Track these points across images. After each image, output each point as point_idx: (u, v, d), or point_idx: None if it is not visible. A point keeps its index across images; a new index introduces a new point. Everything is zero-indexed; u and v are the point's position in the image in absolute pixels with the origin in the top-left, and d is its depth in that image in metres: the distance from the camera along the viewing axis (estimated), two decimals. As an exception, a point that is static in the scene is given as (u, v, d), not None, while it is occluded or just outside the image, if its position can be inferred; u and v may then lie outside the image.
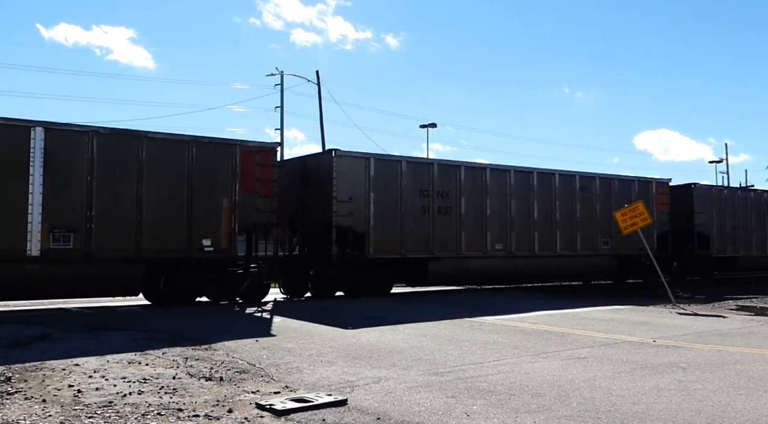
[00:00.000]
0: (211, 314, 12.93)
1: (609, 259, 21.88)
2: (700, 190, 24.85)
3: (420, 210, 17.69)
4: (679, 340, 9.98)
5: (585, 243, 21.21)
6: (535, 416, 5.53)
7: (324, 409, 5.69)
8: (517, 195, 19.73)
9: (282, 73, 41.27)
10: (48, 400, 5.92)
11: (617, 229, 19.36)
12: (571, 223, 20.91)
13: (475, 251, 18.72)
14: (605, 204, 21.54)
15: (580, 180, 21.37)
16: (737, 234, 25.54)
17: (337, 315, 12.65)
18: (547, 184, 20.50)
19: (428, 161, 18.84)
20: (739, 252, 25.49)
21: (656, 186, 23.09)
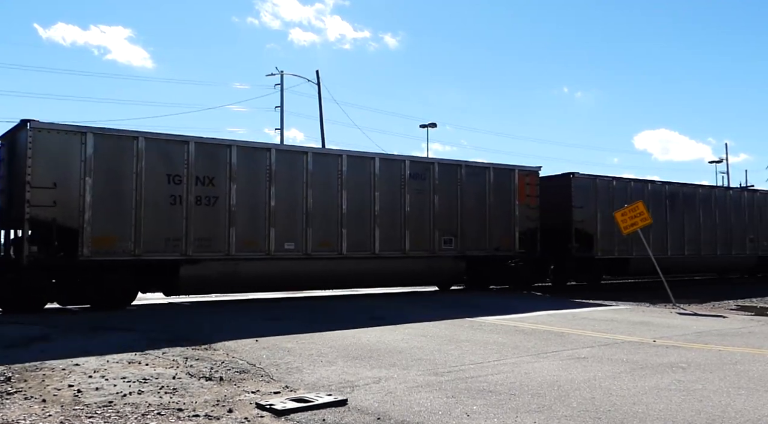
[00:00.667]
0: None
1: (453, 261, 18.53)
2: (581, 180, 21.72)
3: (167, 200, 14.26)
4: (679, 340, 9.98)
5: (417, 242, 17.75)
6: (535, 416, 5.53)
7: (324, 409, 5.68)
8: (318, 183, 16.18)
9: (282, 73, 41.30)
10: (48, 400, 5.92)
11: (471, 224, 18.51)
12: (398, 218, 17.44)
13: (253, 252, 15.27)
14: (449, 196, 18.37)
15: (412, 166, 17.81)
16: None
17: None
18: (362, 171, 16.96)
19: (180, 139, 14.63)
20: (632, 253, 22.07)
21: (520, 175, 19.94)
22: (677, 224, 24.05)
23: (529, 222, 20.01)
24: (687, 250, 24.29)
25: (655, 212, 22.12)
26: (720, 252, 25.45)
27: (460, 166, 18.83)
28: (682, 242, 24.20)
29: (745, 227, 26.47)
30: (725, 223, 25.70)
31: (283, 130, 42.01)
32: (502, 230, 19.39)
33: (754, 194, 27.65)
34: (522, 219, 19.82)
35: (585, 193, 21.61)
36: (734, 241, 25.76)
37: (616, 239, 21.45)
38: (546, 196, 20.77)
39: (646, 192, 23.09)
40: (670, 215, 23.85)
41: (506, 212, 19.57)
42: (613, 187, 22.41)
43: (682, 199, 24.45)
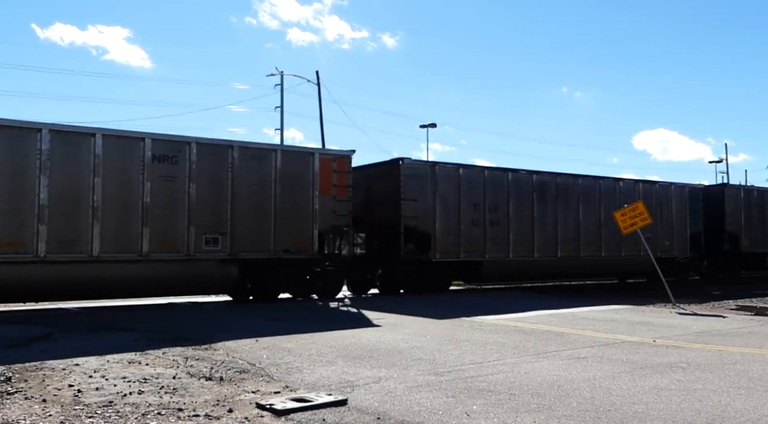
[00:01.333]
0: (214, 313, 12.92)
1: (219, 266, 14.63)
2: (413, 168, 18.06)
3: None
4: (679, 340, 9.98)
5: (164, 242, 14.07)
6: (535, 415, 5.53)
7: (324, 409, 5.69)
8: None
9: (282, 74, 41.28)
10: (48, 400, 5.93)
11: (247, 220, 14.92)
12: (135, 210, 13.74)
13: None
14: (214, 184, 14.78)
15: (156, 146, 14.04)
16: (479, 231, 18.90)
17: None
18: (77, 150, 13.20)
19: None
20: (485, 255, 18.90)
21: (324, 160, 16.24)
22: (549, 220, 20.61)
23: (337, 218, 16.27)
24: (561, 251, 20.70)
25: (518, 207, 19.78)
26: (606, 253, 21.88)
27: (232, 148, 15.09)
28: (555, 242, 20.63)
29: None
30: (613, 220, 20.67)
31: (283, 130, 42.01)
32: (296, 228, 15.65)
33: (653, 186, 23.74)
34: (325, 214, 16.10)
35: (419, 183, 17.88)
36: (625, 240, 21.27)
37: (465, 238, 18.50)
38: (375, 188, 18.26)
39: (507, 182, 19.71)
40: (539, 209, 20.38)
41: (302, 206, 15.80)
42: (460, 176, 18.70)
43: (556, 191, 20.90)
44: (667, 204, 23.69)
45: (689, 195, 24.45)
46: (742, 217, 25.81)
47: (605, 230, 21.86)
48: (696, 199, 24.68)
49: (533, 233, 20.22)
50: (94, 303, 14.76)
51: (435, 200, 18.19)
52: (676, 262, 23.72)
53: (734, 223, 25.76)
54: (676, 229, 23.83)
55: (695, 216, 24.38)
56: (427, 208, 18.03)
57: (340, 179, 16.54)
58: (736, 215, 25.84)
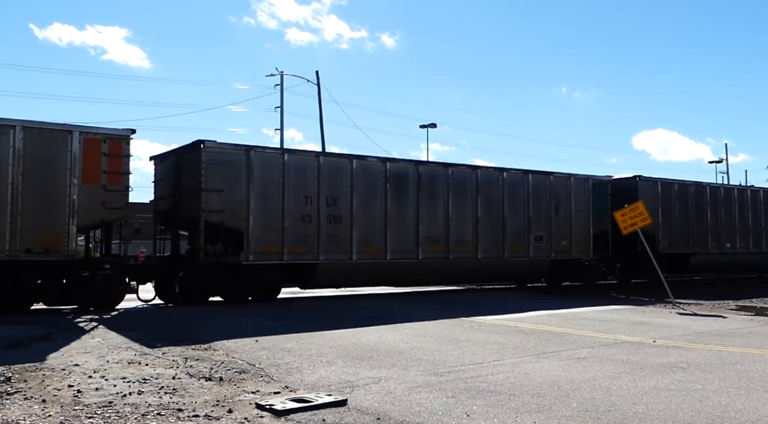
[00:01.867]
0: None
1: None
2: (219, 153, 15.04)
3: None
4: (679, 340, 9.98)
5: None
6: (535, 416, 5.53)
7: (324, 409, 5.68)
8: None
9: (282, 74, 41.26)
10: (48, 400, 5.92)
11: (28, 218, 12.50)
12: None
13: None
14: None
15: None
16: (311, 228, 15.82)
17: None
18: None
19: None
20: (318, 257, 15.87)
21: (88, 142, 13.55)
22: (408, 216, 17.51)
23: (107, 212, 13.65)
24: (424, 252, 17.63)
25: (366, 201, 16.78)
26: (484, 255, 18.84)
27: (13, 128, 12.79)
28: (416, 242, 17.53)
29: (528, 221, 19.77)
30: (494, 216, 19.15)
31: (283, 130, 41.95)
32: (44, 223, 13.05)
33: (547, 178, 20.54)
34: (90, 207, 13.44)
35: (229, 171, 15.07)
36: (509, 239, 19.24)
37: (291, 237, 15.52)
38: (182, 177, 15.71)
39: (350, 171, 16.62)
40: (395, 203, 17.26)
41: (54, 196, 13.19)
42: (285, 163, 15.72)
43: (418, 182, 17.69)
44: (566, 198, 20.72)
45: (593, 188, 21.49)
46: (660, 214, 22.69)
47: (484, 228, 18.86)
48: (602, 193, 21.71)
49: (385, 230, 17.00)
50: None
51: (249, 192, 15.20)
52: (578, 264, 21.22)
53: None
54: (575, 227, 20.88)
55: (601, 212, 21.39)
56: (238, 201, 15.08)
57: (113, 164, 13.68)
58: (652, 212, 21.72)
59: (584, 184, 21.39)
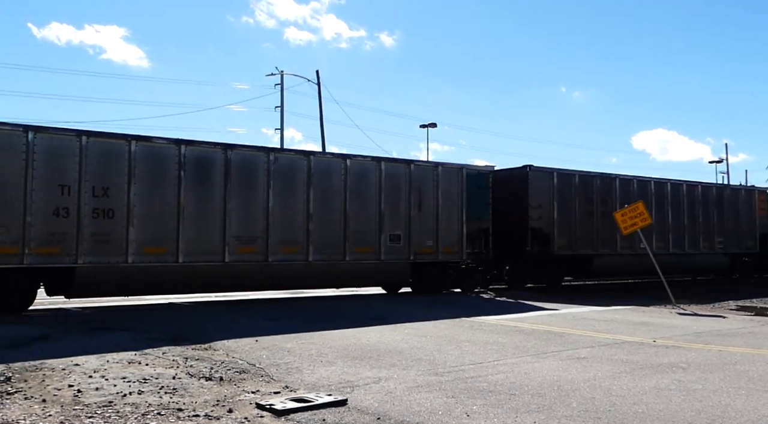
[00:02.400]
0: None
1: None
2: None
3: None
4: (680, 340, 9.98)
5: None
6: (535, 416, 5.53)
7: (324, 409, 5.68)
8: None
9: (282, 73, 41.27)
10: (48, 400, 5.92)
11: None
12: None
13: None
14: None
15: None
16: (69, 224, 12.90)
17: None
18: None
19: None
20: (77, 259, 12.94)
21: None
22: (212, 209, 14.68)
23: None
24: (232, 253, 14.87)
25: (151, 191, 13.95)
26: (317, 257, 15.89)
27: None
28: (222, 241, 14.72)
29: (380, 218, 16.70)
30: (334, 211, 16.17)
31: (283, 130, 41.95)
32: None
33: (408, 167, 17.51)
34: None
35: None
36: (353, 238, 16.36)
37: (39, 234, 12.57)
38: None
39: (129, 156, 13.71)
40: (191, 194, 14.43)
41: None
42: (29, 144, 12.64)
43: (225, 168, 14.83)
44: (432, 191, 17.73)
45: (469, 180, 18.46)
46: (555, 210, 19.98)
47: (319, 225, 15.92)
48: (480, 185, 18.73)
49: (178, 228, 14.14)
50: (94, 303, 14.76)
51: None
52: (451, 267, 18.31)
53: (543, 217, 19.89)
54: (444, 224, 17.84)
55: (478, 208, 18.53)
56: None
57: None
58: (546, 207, 19.95)
59: (457, 174, 18.34)
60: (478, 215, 18.64)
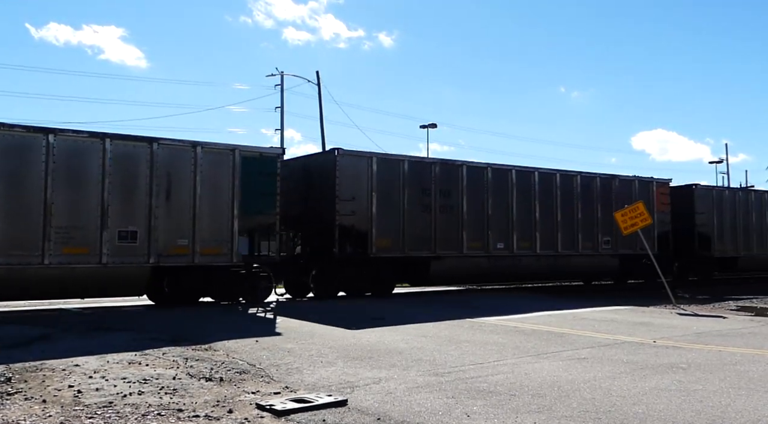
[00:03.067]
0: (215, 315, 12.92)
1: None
2: None
3: None
4: (680, 340, 9.98)
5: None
6: (535, 416, 5.53)
7: (324, 409, 5.68)
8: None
9: (282, 74, 41.23)
10: (48, 400, 5.92)
11: None
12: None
13: None
14: None
15: None
16: None
17: (337, 315, 12.63)
18: None
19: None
20: None
21: None
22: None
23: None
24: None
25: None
26: (10, 259, 12.41)
27: None
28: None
29: (103, 209, 13.25)
30: (30, 201, 12.64)
31: (283, 131, 41.91)
32: None
33: (148, 147, 13.95)
34: None
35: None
36: (60, 235, 12.82)
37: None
38: None
39: None
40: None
41: None
42: None
43: None
44: (188, 177, 14.27)
45: (244, 165, 14.92)
46: (374, 203, 16.53)
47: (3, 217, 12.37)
48: (264, 171, 15.20)
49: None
50: (94, 303, 14.76)
51: None
52: (222, 272, 14.80)
53: (358, 212, 16.34)
54: (205, 219, 14.39)
55: (261, 200, 15.00)
56: None
57: None
58: (361, 200, 16.45)
59: (226, 158, 14.79)
60: (258, 207, 15.08)
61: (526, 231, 19.53)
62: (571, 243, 20.58)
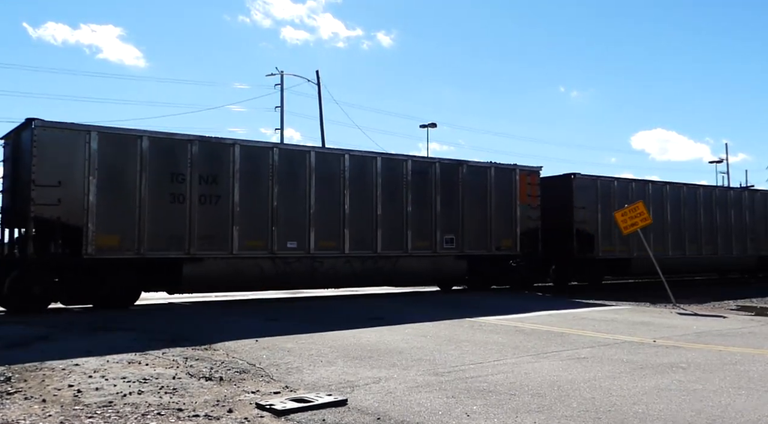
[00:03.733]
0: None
1: None
2: None
3: None
4: (680, 340, 9.98)
5: None
6: (535, 416, 5.53)
7: (324, 409, 5.68)
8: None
9: (282, 74, 41.20)
10: (48, 400, 5.92)
11: None
12: None
13: None
14: None
15: None
16: None
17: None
18: None
19: None
20: None
21: None
22: None
23: None
24: None
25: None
26: None
27: None
28: None
29: None
30: None
31: (283, 130, 41.86)
32: None
33: None
34: None
35: None
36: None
37: None
38: None
39: None
40: None
41: None
42: None
43: None
44: None
45: None
46: (91, 190, 13.27)
47: None
48: None
49: None
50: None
51: None
52: None
53: (66, 200, 13.12)
54: None
55: None
56: None
57: None
58: (71, 186, 13.14)
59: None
60: None
61: (329, 229, 16.38)
62: (397, 243, 17.37)
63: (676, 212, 23.93)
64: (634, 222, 16.67)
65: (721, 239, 25.38)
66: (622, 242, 21.33)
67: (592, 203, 21.41)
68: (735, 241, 25.92)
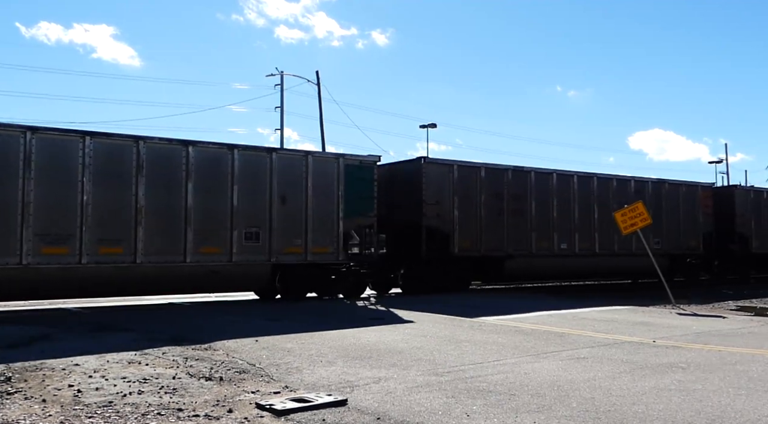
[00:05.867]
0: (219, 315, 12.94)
1: None
2: None
3: None
4: (679, 340, 9.98)
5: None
6: (535, 416, 5.53)
7: (324, 409, 5.69)
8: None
9: (282, 74, 41.19)
10: (48, 400, 5.92)
11: None
12: None
13: None
14: None
15: None
16: None
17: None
18: None
19: None
20: None
21: None
22: None
23: None
24: None
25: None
26: None
27: None
28: None
29: None
30: None
31: (283, 130, 41.86)
32: None
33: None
34: None
35: None
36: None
37: None
38: None
39: None
40: None
41: None
42: None
43: None
44: None
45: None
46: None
47: None
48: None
49: None
50: (94, 303, 14.77)
51: None
52: None
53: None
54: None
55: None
56: None
57: None
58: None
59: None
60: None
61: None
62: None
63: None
64: (633, 222, 16.68)
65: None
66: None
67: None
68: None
